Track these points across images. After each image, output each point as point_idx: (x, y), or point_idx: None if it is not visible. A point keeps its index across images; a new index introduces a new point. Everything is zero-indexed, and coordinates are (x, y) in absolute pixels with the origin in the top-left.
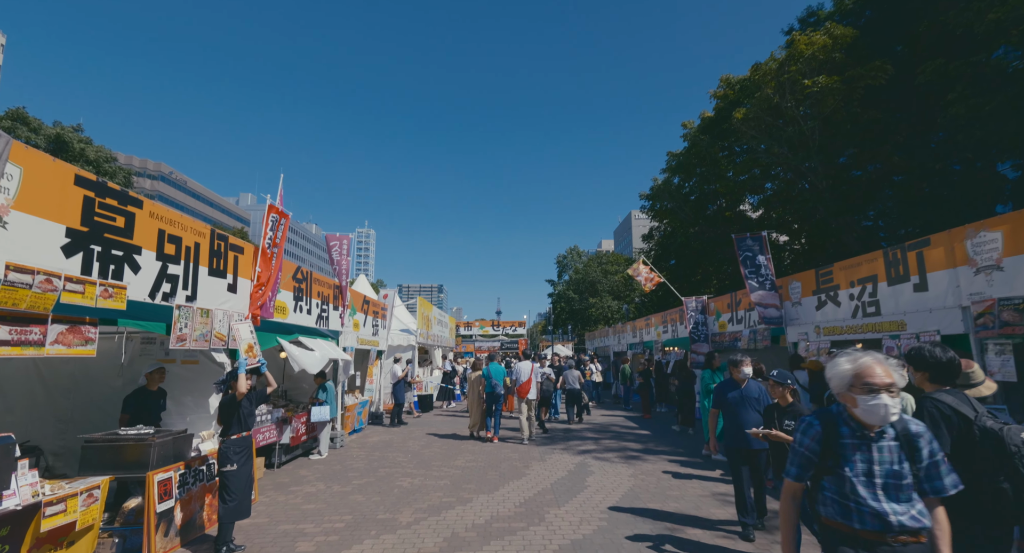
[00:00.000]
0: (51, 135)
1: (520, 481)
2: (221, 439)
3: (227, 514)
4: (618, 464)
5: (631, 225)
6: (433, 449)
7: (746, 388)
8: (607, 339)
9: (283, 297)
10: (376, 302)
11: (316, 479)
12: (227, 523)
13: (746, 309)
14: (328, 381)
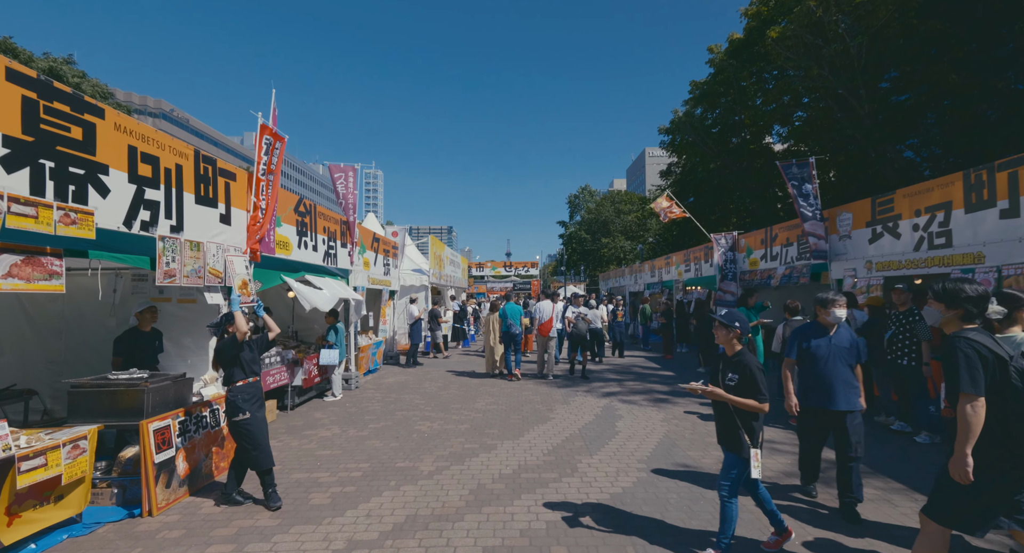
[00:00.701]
0: (43, 68)
1: (545, 426)
2: (226, 388)
3: (255, 463)
4: (647, 407)
5: (644, 163)
6: (451, 391)
7: (836, 335)
8: (623, 279)
9: (285, 232)
10: (386, 240)
11: (331, 422)
12: (263, 472)
13: (783, 245)
14: (339, 322)
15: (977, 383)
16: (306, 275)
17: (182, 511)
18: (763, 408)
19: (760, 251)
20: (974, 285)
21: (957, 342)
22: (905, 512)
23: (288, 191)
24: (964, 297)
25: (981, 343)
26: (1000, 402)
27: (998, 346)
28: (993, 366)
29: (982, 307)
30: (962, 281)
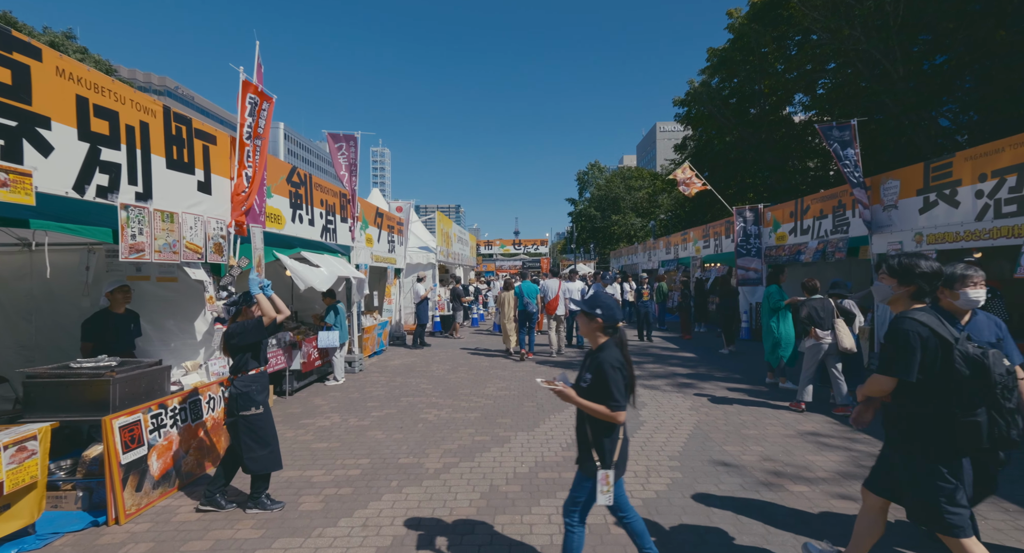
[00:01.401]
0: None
1: (562, 415)
2: (234, 376)
3: (260, 465)
4: (671, 393)
5: (655, 138)
6: (459, 374)
7: (973, 324)
8: (636, 256)
9: (277, 204)
10: (391, 215)
11: (331, 410)
12: (260, 477)
13: (815, 217)
14: (338, 302)
15: (908, 368)
16: (302, 251)
17: (154, 518)
18: (615, 418)
19: (789, 225)
20: (928, 261)
21: (902, 323)
22: (998, 526)
23: (281, 160)
24: (918, 273)
25: (926, 325)
26: (942, 387)
27: (944, 328)
28: (935, 349)
29: (934, 284)
30: (917, 256)
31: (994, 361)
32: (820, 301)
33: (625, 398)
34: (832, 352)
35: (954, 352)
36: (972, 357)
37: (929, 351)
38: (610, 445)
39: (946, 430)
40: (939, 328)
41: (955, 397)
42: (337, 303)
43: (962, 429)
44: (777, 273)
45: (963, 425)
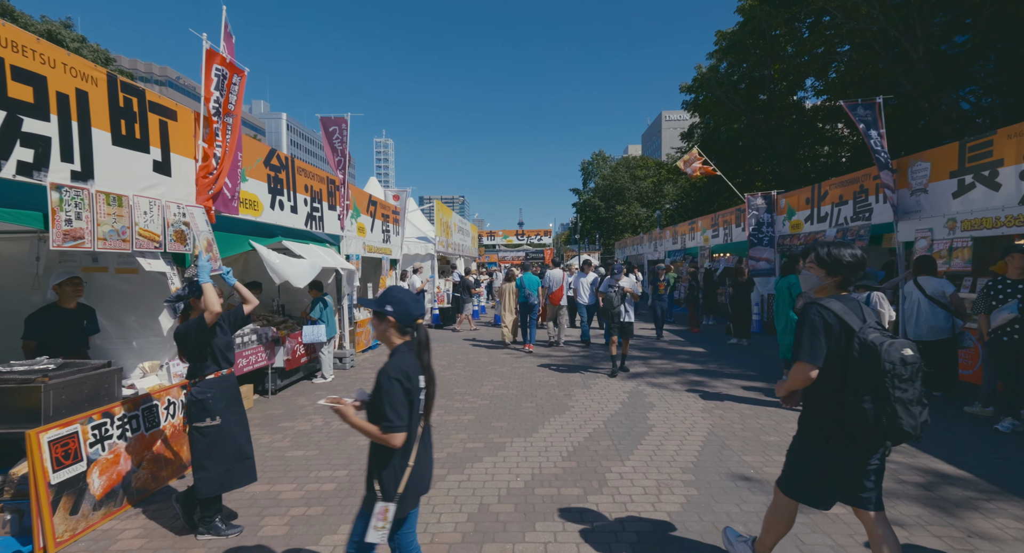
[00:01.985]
0: (40, 32)
1: (563, 417)
2: (192, 381)
3: (211, 487)
4: (681, 392)
5: (661, 128)
6: (456, 371)
7: None
8: (641, 246)
9: (253, 188)
10: (386, 204)
11: (314, 411)
12: (208, 497)
13: (833, 203)
14: (326, 295)
15: (815, 354)
16: (284, 241)
17: (91, 545)
18: (388, 441)
19: (804, 212)
20: (853, 250)
21: (810, 309)
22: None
23: (260, 142)
24: (845, 264)
25: (832, 311)
26: (840, 373)
27: (851, 315)
28: (838, 335)
29: (858, 275)
30: (842, 246)
31: (887, 350)
32: None
33: (405, 417)
34: None
35: (855, 339)
36: (868, 344)
37: (833, 337)
38: (390, 475)
39: (838, 415)
40: (845, 315)
41: (848, 383)
42: (324, 296)
43: (850, 415)
44: (793, 262)
45: (851, 411)
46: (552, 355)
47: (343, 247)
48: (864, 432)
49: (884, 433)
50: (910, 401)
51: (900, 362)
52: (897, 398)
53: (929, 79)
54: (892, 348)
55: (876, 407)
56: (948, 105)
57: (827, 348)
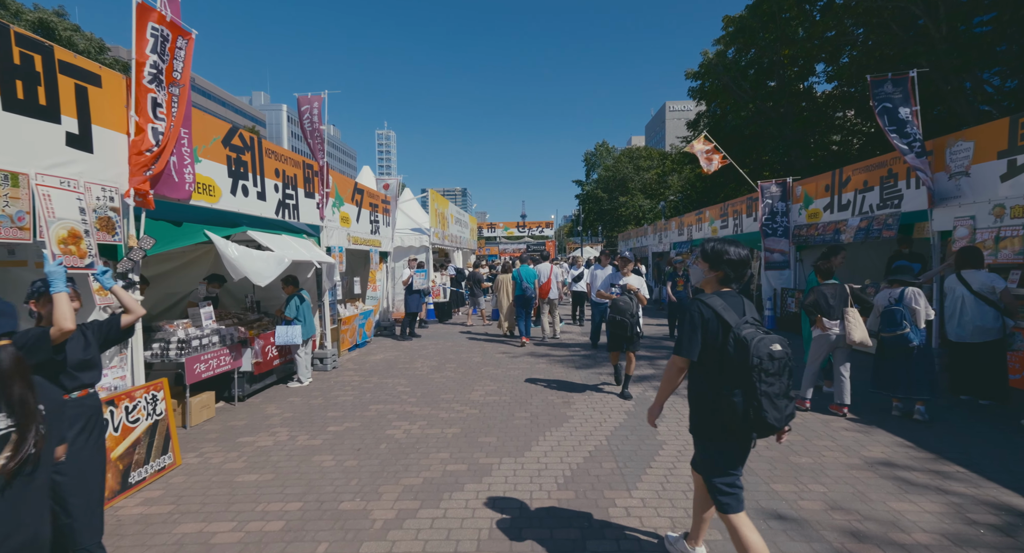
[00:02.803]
0: (34, 20)
1: (561, 431)
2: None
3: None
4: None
5: (665, 118)
6: (445, 373)
7: None
8: (645, 238)
9: (209, 171)
10: (374, 192)
11: (282, 422)
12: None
13: (857, 190)
14: (302, 291)
15: (690, 348)
16: (250, 231)
17: None
18: None
19: (823, 200)
20: (737, 248)
21: (692, 305)
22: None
23: (218, 118)
24: (726, 260)
25: (711, 307)
26: (717, 367)
27: (730, 311)
28: (715, 331)
29: (740, 272)
30: (727, 243)
31: (756, 345)
32: (833, 287)
33: None
34: (842, 345)
35: (731, 334)
36: (741, 339)
37: (710, 332)
38: None
39: (715, 408)
40: (723, 311)
41: (723, 377)
42: (301, 292)
43: (722, 408)
44: (830, 255)
45: (724, 404)
46: (551, 355)
47: (323, 238)
48: (734, 424)
49: (751, 425)
50: (776, 395)
51: (768, 357)
52: (763, 391)
53: (952, 60)
54: (762, 343)
55: (744, 400)
56: (974, 87)
57: (704, 343)
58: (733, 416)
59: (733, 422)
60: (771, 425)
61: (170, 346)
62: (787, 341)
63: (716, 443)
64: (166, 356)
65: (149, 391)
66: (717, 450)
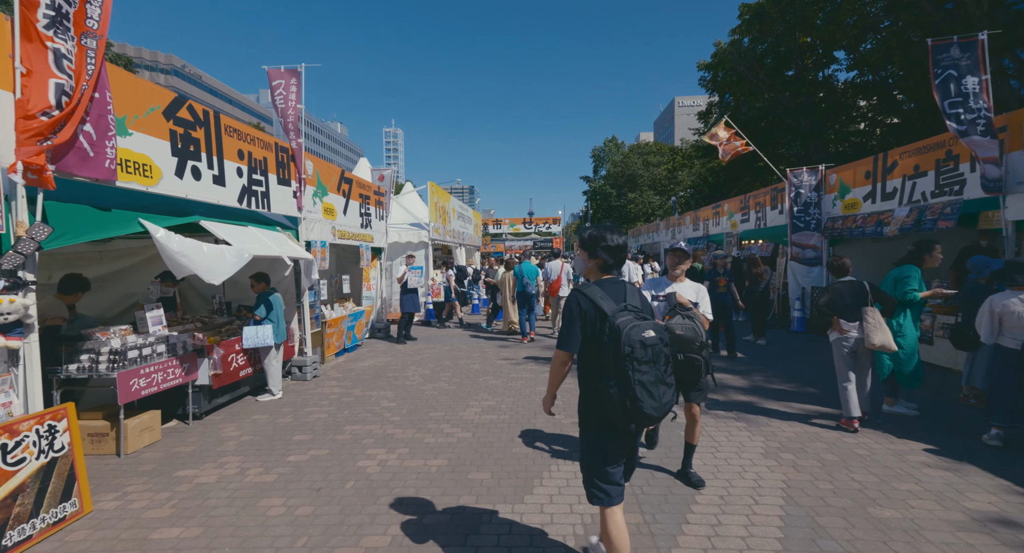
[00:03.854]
0: None
1: (571, 464)
2: None
3: None
4: (729, 421)
5: (674, 113)
6: (439, 383)
7: None
8: (657, 234)
9: (144, 147)
10: (365, 183)
11: (237, 448)
12: None
13: (907, 176)
14: (273, 289)
15: (569, 341)
16: (203, 221)
17: None
18: None
19: (863, 188)
20: (614, 235)
21: (570, 296)
22: None
23: (157, 85)
24: (602, 246)
25: (587, 297)
26: (597, 358)
27: (607, 300)
28: (593, 321)
29: (618, 258)
30: (604, 229)
31: (628, 332)
32: (850, 284)
33: None
34: (861, 350)
35: (606, 323)
36: (615, 328)
37: (588, 323)
38: None
39: (595, 398)
40: (601, 300)
41: (600, 367)
42: (272, 291)
43: (600, 398)
44: (923, 251)
45: (602, 395)
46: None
47: (303, 232)
48: (614, 414)
49: (628, 416)
50: (651, 383)
51: (640, 344)
52: (638, 380)
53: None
54: (634, 330)
55: (620, 391)
56: (1018, 69)
57: (584, 334)
58: (612, 407)
59: (612, 413)
60: (648, 414)
61: (100, 359)
62: (662, 328)
63: (595, 434)
64: (95, 370)
65: (44, 421)
66: (596, 441)
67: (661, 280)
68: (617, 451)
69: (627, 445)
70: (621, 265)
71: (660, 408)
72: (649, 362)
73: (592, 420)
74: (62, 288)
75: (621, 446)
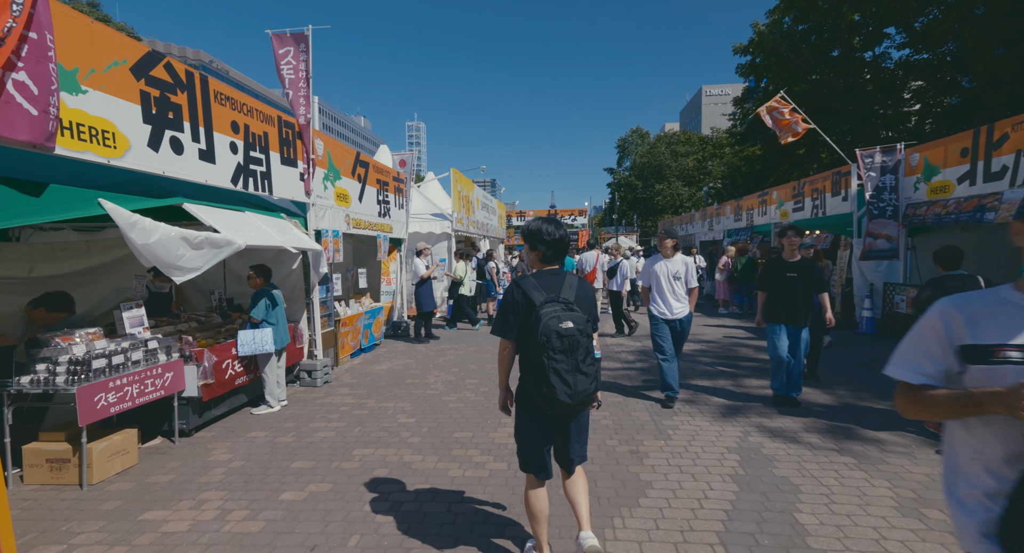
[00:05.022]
0: None
1: (639, 517)
2: None
3: None
4: (832, 457)
5: (701, 103)
6: (464, 392)
7: None
8: (692, 226)
9: (105, 109)
10: (383, 168)
11: (222, 479)
12: None
13: (1022, 150)
14: (272, 285)
15: (504, 329)
16: (187, 203)
17: None
18: None
19: (958, 169)
20: (553, 228)
21: (508, 286)
22: None
23: (127, 37)
24: (541, 239)
25: (520, 287)
26: (526, 346)
27: (538, 290)
28: (524, 310)
29: (556, 250)
30: (544, 222)
31: (546, 322)
32: (959, 279)
33: None
34: None
35: (534, 313)
36: (538, 317)
37: (520, 312)
38: None
39: (522, 382)
40: (532, 290)
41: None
42: (271, 287)
43: (525, 383)
44: None
45: (526, 380)
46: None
47: (312, 220)
48: (536, 399)
49: (545, 401)
50: (566, 371)
51: (555, 334)
52: (551, 368)
53: None
54: (552, 321)
55: (537, 377)
56: None
57: (516, 323)
58: (533, 391)
59: (535, 397)
60: (561, 401)
61: (57, 369)
62: (585, 319)
63: (526, 415)
64: (51, 383)
65: None
66: (524, 421)
67: (655, 257)
68: (543, 433)
69: (555, 430)
70: (560, 257)
71: (575, 395)
72: (564, 351)
73: (523, 402)
74: (45, 304)
75: (548, 430)
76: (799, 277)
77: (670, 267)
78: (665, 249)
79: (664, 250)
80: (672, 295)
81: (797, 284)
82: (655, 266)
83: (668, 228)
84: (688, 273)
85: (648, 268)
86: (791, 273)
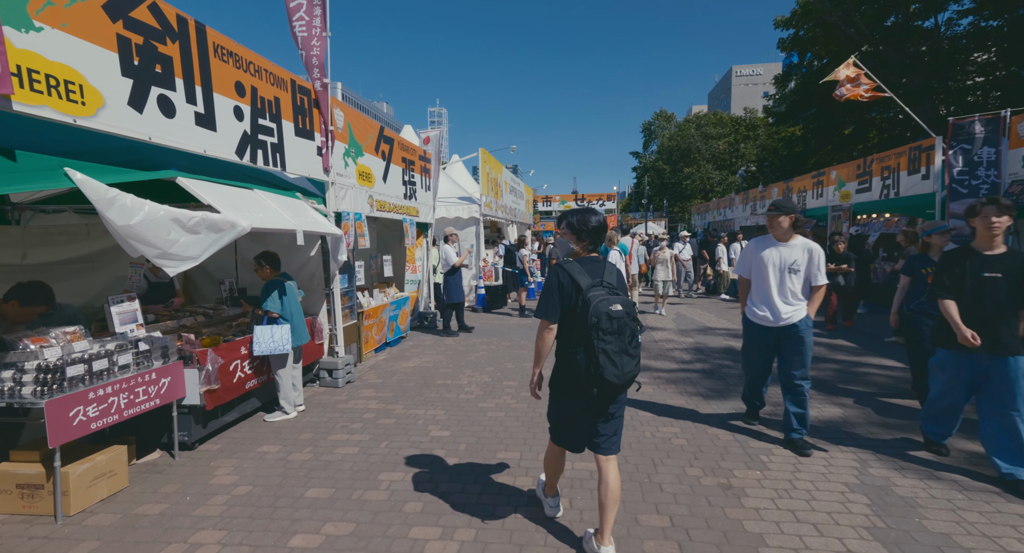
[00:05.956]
0: None
1: None
2: None
3: None
4: (991, 500)
5: (731, 84)
6: (502, 397)
7: None
8: (731, 210)
9: (69, 55)
10: (409, 145)
11: (221, 513)
12: None
13: None
14: (284, 275)
15: (548, 311)
16: (181, 177)
17: None
18: None
19: None
20: (597, 217)
21: (552, 269)
22: None
23: None
24: (590, 229)
25: (566, 271)
26: (571, 328)
27: (584, 275)
28: (570, 293)
29: (597, 238)
30: (587, 213)
31: (596, 305)
32: None
33: None
34: None
35: (581, 296)
36: (586, 300)
37: (566, 296)
38: None
39: (565, 365)
40: (579, 274)
41: (572, 336)
42: (284, 276)
43: (568, 365)
44: None
45: (570, 361)
46: (650, 368)
47: (331, 200)
48: (579, 379)
49: (592, 381)
50: (614, 352)
51: (605, 316)
52: (601, 349)
53: None
54: (602, 303)
55: (586, 357)
56: None
57: (562, 306)
58: (577, 372)
59: (578, 377)
60: (609, 381)
61: (23, 379)
62: (632, 303)
63: (561, 398)
64: (16, 395)
65: None
66: (560, 404)
67: (762, 240)
68: (578, 419)
69: (588, 418)
70: (600, 243)
71: (621, 376)
72: (614, 333)
73: (560, 386)
74: (17, 297)
75: (583, 418)
76: (1004, 279)
77: (785, 254)
78: (779, 228)
79: (776, 230)
80: (780, 294)
81: (1000, 288)
82: (764, 252)
83: (779, 200)
84: (812, 264)
85: (751, 254)
86: (991, 273)
